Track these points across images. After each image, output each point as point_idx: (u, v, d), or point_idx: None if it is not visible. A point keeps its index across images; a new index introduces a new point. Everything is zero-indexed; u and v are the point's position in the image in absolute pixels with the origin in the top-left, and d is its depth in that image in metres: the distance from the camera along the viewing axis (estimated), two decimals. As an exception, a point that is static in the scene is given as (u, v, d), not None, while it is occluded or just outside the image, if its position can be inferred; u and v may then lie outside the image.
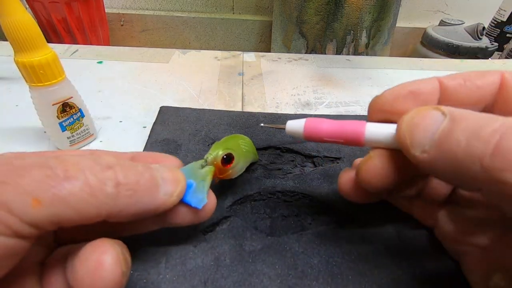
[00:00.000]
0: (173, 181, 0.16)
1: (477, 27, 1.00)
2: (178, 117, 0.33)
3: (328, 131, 0.18)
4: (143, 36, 1.31)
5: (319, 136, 0.18)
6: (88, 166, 0.13)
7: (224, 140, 0.23)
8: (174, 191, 0.16)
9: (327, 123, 0.18)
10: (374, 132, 0.17)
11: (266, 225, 0.22)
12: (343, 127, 0.18)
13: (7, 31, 0.22)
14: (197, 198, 0.17)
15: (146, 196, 0.15)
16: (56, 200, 0.12)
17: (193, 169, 0.19)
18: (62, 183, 0.12)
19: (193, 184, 0.18)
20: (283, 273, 0.19)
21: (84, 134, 0.30)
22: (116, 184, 0.13)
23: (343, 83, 0.46)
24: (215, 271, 0.19)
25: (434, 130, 0.13)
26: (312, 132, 0.18)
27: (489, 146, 0.11)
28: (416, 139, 0.13)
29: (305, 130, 0.19)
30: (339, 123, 0.18)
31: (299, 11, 0.88)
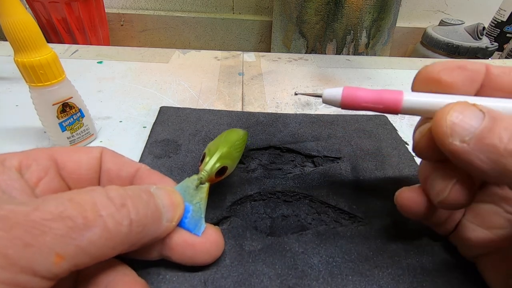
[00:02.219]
0: (172, 207, 0.17)
1: (477, 27, 1.00)
2: (178, 117, 0.33)
3: (366, 98, 0.18)
4: (143, 36, 1.31)
5: (357, 102, 0.18)
6: (104, 207, 0.13)
7: (216, 146, 0.22)
8: (174, 217, 0.17)
9: (364, 90, 0.18)
10: (414, 101, 0.17)
11: (266, 225, 0.22)
12: (380, 94, 0.18)
13: (7, 31, 0.22)
14: (196, 224, 0.18)
15: (152, 227, 0.15)
16: (78, 252, 0.12)
17: (188, 188, 0.19)
18: (83, 233, 0.12)
19: (189, 207, 0.18)
20: (283, 273, 0.19)
21: (84, 134, 0.30)
22: (130, 223, 0.14)
23: (343, 83, 0.46)
24: (215, 271, 0.19)
25: (475, 124, 0.14)
26: (350, 99, 0.18)
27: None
28: (456, 129, 0.14)
29: (343, 97, 0.19)
30: (377, 92, 0.18)
31: (299, 11, 0.88)
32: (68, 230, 0.12)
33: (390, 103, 0.18)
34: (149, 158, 0.28)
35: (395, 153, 0.29)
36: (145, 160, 0.27)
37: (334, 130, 0.32)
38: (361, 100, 0.18)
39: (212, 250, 0.18)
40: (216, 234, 0.19)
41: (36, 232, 0.11)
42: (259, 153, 0.29)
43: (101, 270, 0.15)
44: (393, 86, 0.45)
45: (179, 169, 0.27)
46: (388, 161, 0.28)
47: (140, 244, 0.15)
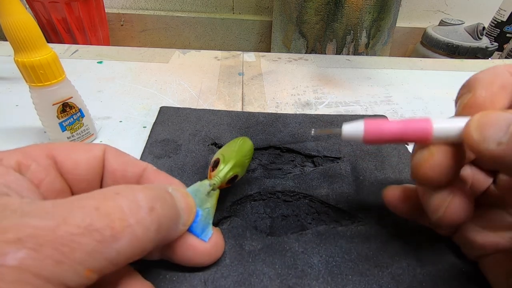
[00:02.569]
0: (188, 210, 0.17)
1: (477, 27, 1.00)
2: (178, 117, 0.33)
3: (392, 132, 0.17)
4: (143, 36, 1.31)
5: (382, 138, 0.17)
6: (133, 213, 0.13)
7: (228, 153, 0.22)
8: (188, 221, 0.17)
9: (388, 124, 0.17)
10: (443, 128, 0.16)
11: (266, 225, 0.22)
12: (407, 126, 0.17)
13: (7, 31, 0.22)
14: (204, 229, 0.18)
15: (173, 231, 0.15)
16: (107, 264, 0.12)
17: (199, 193, 0.19)
18: (112, 245, 0.12)
19: (199, 212, 0.18)
20: (283, 272, 0.19)
21: (84, 134, 0.30)
22: (158, 227, 0.13)
23: (343, 83, 0.46)
24: (215, 270, 0.19)
25: (505, 124, 0.14)
26: (374, 135, 0.17)
27: None
28: (489, 134, 0.14)
29: (366, 133, 0.17)
30: (403, 123, 0.17)
31: (299, 11, 0.88)
32: (97, 244, 0.11)
33: (418, 134, 0.16)
34: (149, 158, 0.28)
35: (395, 153, 0.29)
36: (145, 160, 0.27)
37: (334, 130, 0.32)
38: (386, 133, 0.17)
39: (212, 252, 0.18)
40: (218, 236, 0.19)
41: (66, 249, 0.11)
42: (259, 153, 0.29)
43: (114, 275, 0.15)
44: (393, 86, 0.45)
45: (179, 169, 0.27)
46: (388, 161, 0.28)
47: (159, 247, 0.15)
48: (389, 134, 0.17)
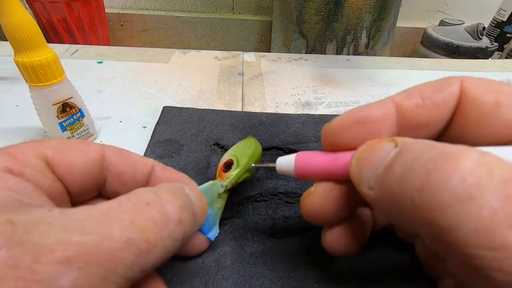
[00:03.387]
0: (202, 212, 0.16)
1: (477, 27, 1.00)
2: (181, 117, 0.33)
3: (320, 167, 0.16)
4: (143, 36, 1.31)
5: (312, 174, 0.16)
6: (165, 226, 0.13)
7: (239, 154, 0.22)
8: (201, 222, 0.16)
9: (318, 157, 0.16)
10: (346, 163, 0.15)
11: (268, 227, 0.22)
12: (335, 159, 0.15)
13: (7, 31, 0.22)
14: (211, 229, 0.18)
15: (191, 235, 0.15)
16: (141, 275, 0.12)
17: (210, 192, 0.20)
18: (147, 259, 0.12)
19: (209, 212, 0.18)
20: (284, 275, 0.19)
21: (84, 134, 0.30)
22: (183, 237, 0.14)
23: (343, 83, 0.46)
24: (216, 272, 0.19)
25: (380, 164, 0.12)
26: (304, 171, 0.16)
27: (419, 180, 0.10)
28: (364, 174, 0.12)
29: (296, 168, 0.16)
30: (332, 156, 0.15)
31: (299, 11, 0.88)
32: (135, 258, 0.11)
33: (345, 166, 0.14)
34: (151, 158, 0.27)
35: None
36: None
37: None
38: (315, 168, 0.16)
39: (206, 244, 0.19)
40: None
41: (110, 265, 0.11)
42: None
43: None
44: (393, 86, 0.45)
45: (181, 169, 0.26)
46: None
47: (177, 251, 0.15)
48: (318, 168, 0.16)
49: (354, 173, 0.13)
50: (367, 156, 0.13)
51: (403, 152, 0.11)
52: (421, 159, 0.10)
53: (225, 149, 0.29)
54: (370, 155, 0.13)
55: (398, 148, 0.12)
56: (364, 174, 0.12)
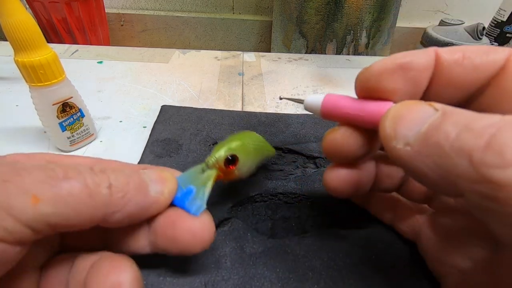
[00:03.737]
0: (160, 180, 0.16)
1: (477, 27, 1.00)
2: (180, 116, 0.33)
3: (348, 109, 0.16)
4: (143, 36, 1.31)
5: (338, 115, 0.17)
6: (85, 170, 0.13)
7: (228, 140, 0.21)
8: (164, 189, 0.16)
9: (346, 100, 0.16)
10: None
11: (267, 227, 0.22)
12: (363, 107, 0.15)
13: (7, 31, 0.22)
14: (196, 205, 0.17)
15: (137, 195, 0.15)
16: (55, 199, 0.12)
17: (194, 173, 0.19)
18: (62, 183, 0.12)
19: (193, 189, 0.17)
20: (284, 276, 0.19)
21: (84, 134, 0.30)
22: (109, 186, 0.14)
23: (343, 83, 0.46)
24: (216, 273, 0.19)
25: (422, 122, 0.12)
26: (331, 110, 0.17)
27: (482, 140, 0.10)
28: (400, 130, 0.12)
29: (323, 107, 0.17)
30: (360, 103, 0.16)
31: (299, 11, 0.88)
32: (47, 177, 0.12)
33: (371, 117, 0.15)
34: (150, 157, 0.27)
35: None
36: (145, 159, 0.27)
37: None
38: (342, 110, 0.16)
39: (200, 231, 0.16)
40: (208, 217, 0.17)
41: (16, 174, 0.11)
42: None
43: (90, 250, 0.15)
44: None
45: (180, 169, 0.26)
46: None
47: (127, 212, 0.14)
48: (344, 111, 0.16)
49: (388, 128, 0.13)
50: (405, 113, 0.13)
51: (451, 114, 0.11)
52: (480, 122, 0.10)
53: None
54: (408, 113, 0.13)
55: (441, 111, 0.12)
56: (400, 130, 0.12)
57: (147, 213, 0.15)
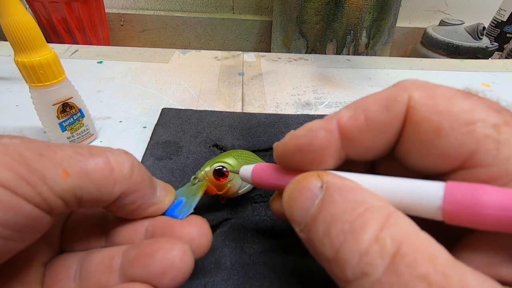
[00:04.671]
0: (166, 188, 0.17)
1: (477, 27, 1.00)
2: (180, 118, 0.33)
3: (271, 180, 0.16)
4: (143, 36, 1.31)
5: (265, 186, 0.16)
6: (111, 150, 0.15)
7: (219, 156, 0.22)
8: (166, 196, 0.17)
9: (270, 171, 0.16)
10: None
11: (267, 228, 0.22)
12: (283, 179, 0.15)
13: (7, 31, 0.22)
14: (183, 211, 0.17)
15: (149, 187, 0.16)
16: (82, 173, 0.13)
17: (186, 187, 0.20)
18: (88, 159, 0.13)
19: (182, 200, 0.18)
20: (284, 276, 0.19)
21: (84, 134, 0.30)
22: (131, 166, 0.15)
23: (343, 83, 0.46)
24: (216, 273, 0.19)
25: (308, 208, 0.12)
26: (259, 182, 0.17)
27: (332, 250, 0.10)
28: (294, 216, 0.12)
29: (252, 178, 0.17)
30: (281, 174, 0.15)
31: (299, 11, 0.88)
32: (76, 154, 0.13)
33: None
34: (150, 160, 0.27)
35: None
36: (146, 162, 0.27)
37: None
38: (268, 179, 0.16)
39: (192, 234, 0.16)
40: (200, 220, 0.17)
41: (48, 148, 0.13)
42: (260, 154, 0.29)
43: None
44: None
45: (180, 170, 0.26)
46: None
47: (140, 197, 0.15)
48: (269, 182, 0.16)
49: (287, 213, 0.13)
50: (296, 195, 0.13)
51: (326, 203, 0.11)
52: (337, 224, 0.10)
53: (224, 150, 0.29)
54: (299, 195, 0.12)
55: (325, 189, 0.12)
56: (294, 216, 0.12)
57: (148, 211, 0.16)
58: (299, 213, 0.12)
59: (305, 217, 0.12)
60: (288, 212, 0.13)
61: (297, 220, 0.12)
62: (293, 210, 0.12)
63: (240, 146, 0.29)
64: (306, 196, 0.12)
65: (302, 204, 0.12)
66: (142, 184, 0.15)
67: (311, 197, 0.12)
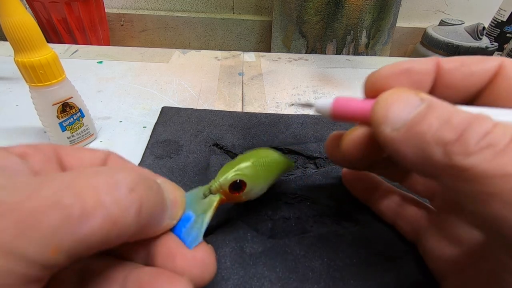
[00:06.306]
0: (175, 203, 0.15)
1: (477, 27, 1.00)
2: (180, 117, 0.33)
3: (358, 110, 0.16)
4: (143, 36, 1.31)
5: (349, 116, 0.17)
6: (109, 192, 0.11)
7: (237, 160, 0.19)
8: (176, 215, 0.15)
9: (355, 102, 0.17)
10: None
11: (267, 227, 0.22)
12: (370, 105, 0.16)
13: (7, 31, 0.22)
14: (192, 235, 0.15)
15: (157, 220, 0.14)
16: (75, 244, 0.10)
17: (196, 197, 0.17)
18: (81, 225, 0.10)
19: (191, 217, 0.16)
20: (284, 276, 0.19)
21: (84, 134, 0.30)
22: (139, 210, 0.12)
23: (343, 83, 0.46)
24: (216, 273, 0.19)
25: (409, 111, 0.13)
26: (341, 112, 0.17)
27: (456, 134, 0.11)
28: (390, 116, 0.14)
29: (333, 109, 0.17)
30: (368, 102, 0.16)
31: (299, 11, 0.88)
32: (64, 221, 0.10)
33: None
34: (150, 159, 0.27)
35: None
36: (146, 161, 0.27)
37: (335, 131, 0.32)
38: (353, 111, 0.16)
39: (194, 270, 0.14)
40: (207, 253, 0.15)
41: (30, 221, 0.10)
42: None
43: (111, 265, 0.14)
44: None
45: (180, 169, 0.26)
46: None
47: (142, 236, 0.14)
48: (355, 112, 0.16)
49: (379, 112, 0.14)
50: (396, 99, 0.14)
51: (435, 106, 0.13)
52: (457, 118, 0.12)
53: (224, 149, 0.29)
54: (399, 100, 0.14)
55: (428, 102, 0.13)
56: (390, 115, 0.13)
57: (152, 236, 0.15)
58: (397, 113, 0.13)
59: (405, 116, 0.13)
60: (381, 112, 0.14)
61: (392, 119, 0.13)
62: (390, 110, 0.14)
63: (240, 145, 0.29)
64: (407, 102, 0.13)
65: (403, 106, 0.13)
66: (151, 222, 0.13)
67: (413, 103, 0.13)
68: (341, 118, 0.17)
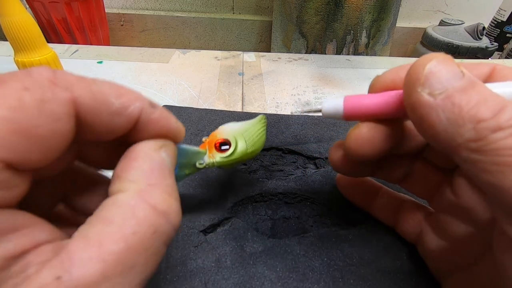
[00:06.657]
0: None
1: (477, 27, 1.00)
2: (180, 116, 0.33)
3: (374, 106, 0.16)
4: (143, 36, 1.31)
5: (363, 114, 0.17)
6: None
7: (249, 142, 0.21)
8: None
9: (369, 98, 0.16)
10: None
11: (267, 227, 0.22)
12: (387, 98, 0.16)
13: (7, 31, 0.22)
14: None
15: None
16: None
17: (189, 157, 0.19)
18: None
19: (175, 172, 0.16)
20: (284, 275, 0.19)
21: (84, 135, 0.30)
22: None
23: (343, 83, 0.46)
24: (216, 272, 0.19)
25: (451, 81, 0.13)
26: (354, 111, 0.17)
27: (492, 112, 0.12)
28: (431, 80, 0.13)
29: (346, 108, 0.17)
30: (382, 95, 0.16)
31: (299, 11, 0.88)
32: None
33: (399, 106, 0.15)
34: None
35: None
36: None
37: (336, 132, 0.32)
38: (367, 108, 0.16)
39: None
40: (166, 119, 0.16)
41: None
42: (260, 154, 0.29)
43: None
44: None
45: (179, 170, 0.26)
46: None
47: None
48: (370, 109, 0.16)
49: (419, 72, 0.14)
50: (440, 68, 0.14)
51: (476, 84, 0.13)
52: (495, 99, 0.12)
53: None
54: (443, 66, 0.14)
55: (469, 77, 0.13)
56: (431, 79, 0.13)
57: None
58: (438, 79, 0.13)
59: (446, 84, 0.13)
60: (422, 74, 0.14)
61: (431, 84, 0.13)
62: (432, 74, 0.13)
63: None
64: (451, 71, 0.13)
65: (445, 74, 0.13)
66: None
67: (456, 74, 0.13)
68: (355, 117, 0.17)
